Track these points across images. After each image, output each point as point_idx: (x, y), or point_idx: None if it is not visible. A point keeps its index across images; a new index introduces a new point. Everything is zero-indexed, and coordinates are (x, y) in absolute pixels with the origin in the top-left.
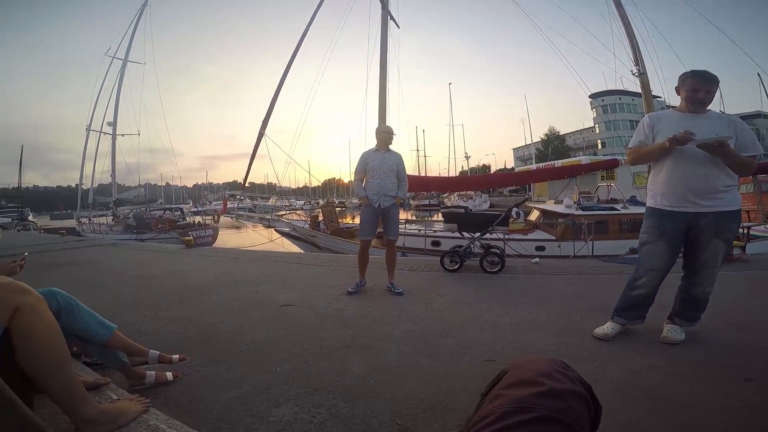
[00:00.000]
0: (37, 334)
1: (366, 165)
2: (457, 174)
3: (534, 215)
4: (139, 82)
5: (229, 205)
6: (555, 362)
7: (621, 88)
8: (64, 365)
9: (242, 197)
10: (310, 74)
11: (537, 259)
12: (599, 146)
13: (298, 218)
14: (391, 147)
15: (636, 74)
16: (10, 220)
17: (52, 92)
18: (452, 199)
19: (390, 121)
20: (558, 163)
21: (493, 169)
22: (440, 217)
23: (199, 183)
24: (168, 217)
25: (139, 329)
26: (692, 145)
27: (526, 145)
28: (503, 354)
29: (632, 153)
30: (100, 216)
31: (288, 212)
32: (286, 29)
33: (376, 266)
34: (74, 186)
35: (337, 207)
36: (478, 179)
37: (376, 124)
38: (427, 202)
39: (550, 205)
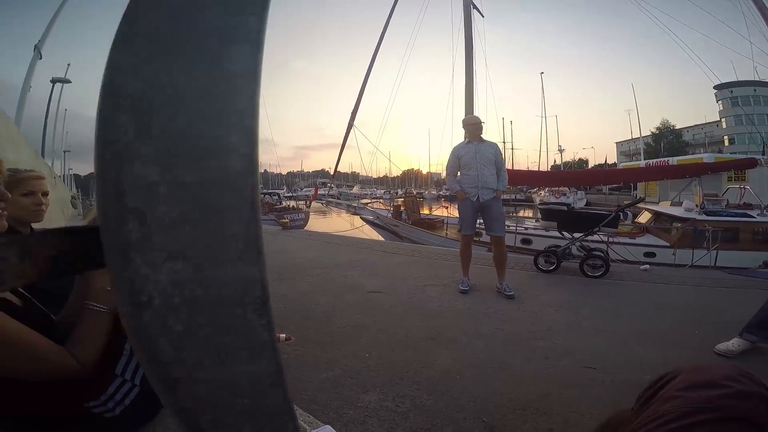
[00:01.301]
0: None
1: (458, 160)
2: (549, 168)
3: (644, 217)
4: None
5: (320, 192)
6: (738, 368)
7: (756, 78)
8: None
9: (333, 185)
10: (395, 65)
11: (646, 266)
12: (726, 143)
13: (382, 207)
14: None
15: None
16: None
17: None
18: (542, 195)
19: (477, 112)
20: (673, 160)
21: (590, 164)
22: (529, 214)
23: (293, 171)
24: (267, 201)
25: None
26: None
27: (633, 139)
28: (606, 363)
29: None
30: None
31: (370, 200)
32: (368, 22)
33: (457, 259)
34: None
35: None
36: (577, 175)
37: (462, 115)
38: (513, 196)
39: (665, 207)
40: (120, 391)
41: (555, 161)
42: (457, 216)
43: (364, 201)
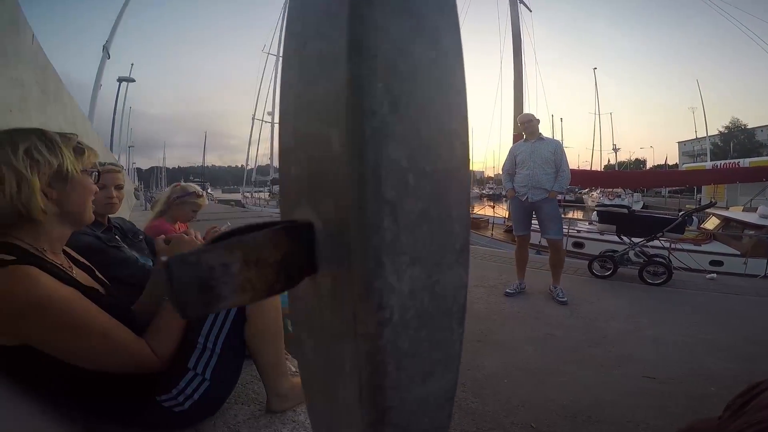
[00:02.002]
0: (267, 304)
1: (514, 158)
2: (602, 168)
3: (712, 223)
4: None
5: None
6: None
7: None
8: (279, 338)
9: None
10: None
11: (713, 275)
12: None
13: None
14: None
15: None
16: None
17: (226, 86)
18: (593, 196)
19: (527, 109)
20: (745, 161)
21: (649, 165)
22: (579, 215)
23: None
24: None
25: None
26: None
27: (697, 138)
28: (668, 373)
29: None
30: (258, 192)
31: None
32: None
33: (507, 261)
34: (240, 166)
35: None
36: (636, 176)
37: (511, 111)
38: (562, 197)
39: (737, 213)
40: (191, 385)
41: (609, 161)
42: (503, 216)
43: None
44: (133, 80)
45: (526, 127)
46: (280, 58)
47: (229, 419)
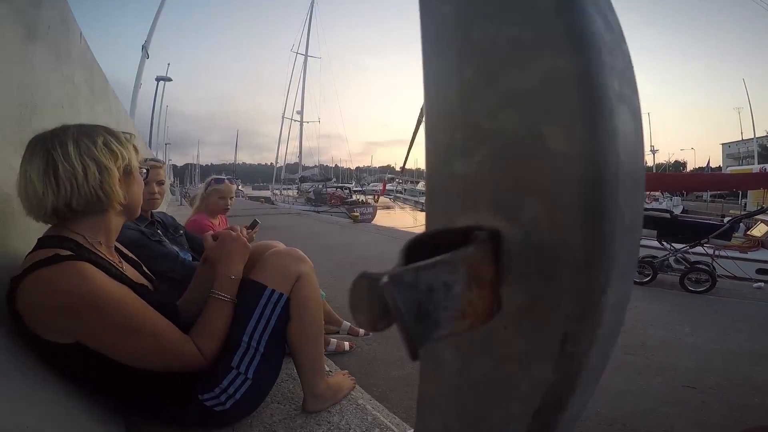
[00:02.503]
0: (311, 304)
1: None
2: None
3: (760, 230)
4: (318, 74)
5: (388, 187)
6: None
7: None
8: (321, 337)
9: (402, 180)
10: None
11: (761, 284)
12: None
13: None
14: None
15: None
16: None
17: (257, 85)
18: None
19: None
20: None
21: (689, 167)
22: None
23: (360, 166)
24: (339, 194)
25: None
26: None
27: (743, 140)
28: (709, 383)
29: None
30: (287, 189)
31: None
32: None
33: None
34: (269, 164)
35: None
36: (678, 178)
37: None
38: None
39: None
40: (233, 384)
41: (646, 163)
42: None
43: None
44: (170, 79)
45: None
46: (308, 57)
47: (265, 419)
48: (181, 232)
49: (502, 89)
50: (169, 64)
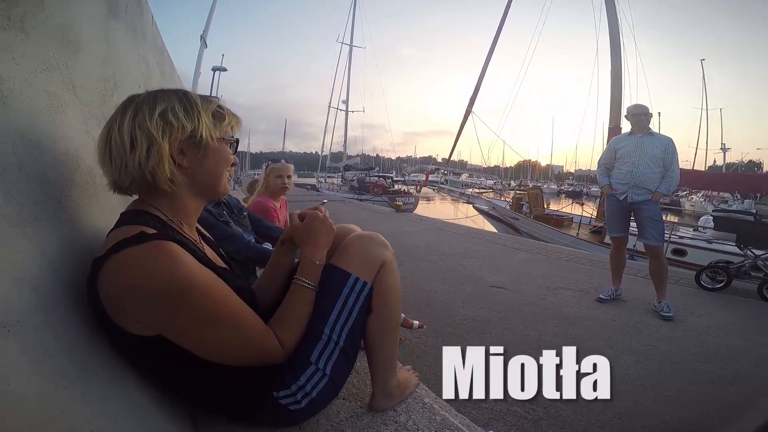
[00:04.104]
0: (393, 294)
1: (614, 152)
2: (706, 169)
3: None
4: (362, 64)
5: (431, 177)
6: None
7: None
8: (397, 332)
9: (446, 171)
10: (514, 51)
11: None
12: None
13: (500, 198)
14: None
15: None
16: None
17: (304, 75)
18: (692, 200)
19: (626, 101)
20: None
21: (766, 167)
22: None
23: (401, 156)
24: (381, 183)
25: None
26: None
27: None
28: None
29: None
30: (331, 177)
31: (479, 190)
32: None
33: (596, 264)
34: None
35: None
36: (760, 179)
37: (606, 103)
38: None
39: None
40: (310, 381)
41: (714, 161)
42: (589, 215)
43: (469, 191)
44: (225, 69)
45: (639, 119)
46: (353, 48)
47: (331, 416)
48: (245, 213)
49: None
50: (223, 54)
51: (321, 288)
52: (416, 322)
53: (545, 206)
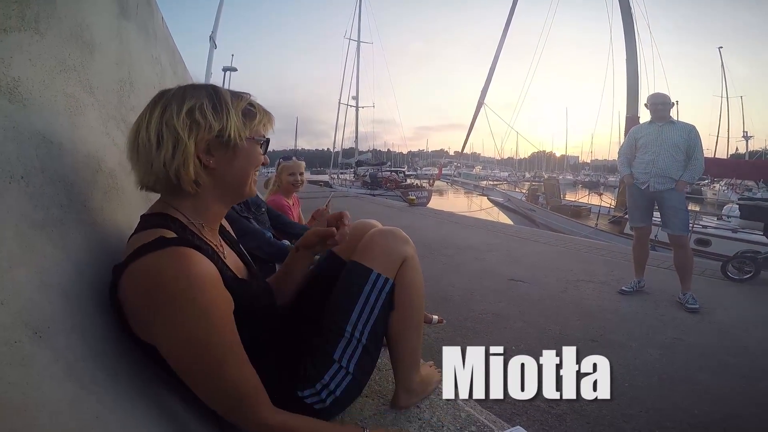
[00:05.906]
0: (416, 290)
1: (635, 141)
2: (728, 157)
3: None
4: (371, 60)
5: (444, 171)
6: None
7: None
8: (421, 328)
9: (459, 164)
10: (532, 41)
11: None
12: None
13: (514, 189)
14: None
15: None
16: None
17: (313, 74)
18: (715, 188)
19: (643, 90)
20: None
21: None
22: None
23: (413, 150)
24: (394, 177)
25: None
26: None
27: None
28: None
29: None
30: (343, 173)
31: (493, 182)
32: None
33: (616, 255)
34: (326, 149)
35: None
36: None
37: (623, 91)
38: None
39: None
40: (334, 380)
41: (737, 149)
42: (608, 205)
43: (483, 183)
44: (235, 69)
45: (659, 109)
46: (360, 43)
47: (354, 414)
48: (263, 209)
49: None
50: (233, 54)
51: (341, 285)
52: (435, 317)
53: (562, 197)
